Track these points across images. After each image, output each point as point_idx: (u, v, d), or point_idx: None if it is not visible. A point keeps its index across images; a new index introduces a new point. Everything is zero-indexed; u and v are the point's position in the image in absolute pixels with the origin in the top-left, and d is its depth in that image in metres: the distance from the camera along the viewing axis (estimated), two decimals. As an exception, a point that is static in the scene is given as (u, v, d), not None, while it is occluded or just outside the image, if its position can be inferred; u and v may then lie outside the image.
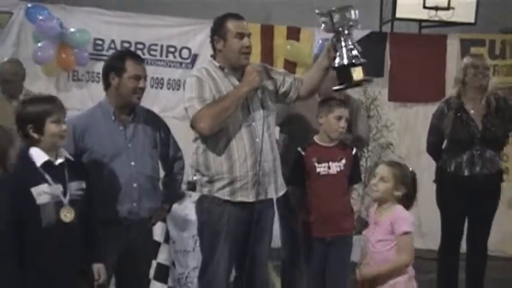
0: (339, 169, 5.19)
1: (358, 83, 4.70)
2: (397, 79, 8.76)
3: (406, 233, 4.34)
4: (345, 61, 4.57)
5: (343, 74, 4.63)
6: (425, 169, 5.71)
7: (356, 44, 4.67)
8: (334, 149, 5.23)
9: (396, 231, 4.37)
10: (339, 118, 5.16)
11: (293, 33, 8.61)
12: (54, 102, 4.17)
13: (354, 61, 4.57)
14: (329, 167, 5.17)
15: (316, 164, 5.17)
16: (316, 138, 5.28)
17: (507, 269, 7.58)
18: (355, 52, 4.57)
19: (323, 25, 4.64)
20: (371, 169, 7.77)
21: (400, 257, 4.38)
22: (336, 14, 4.54)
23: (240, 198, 4.70)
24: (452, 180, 6.07)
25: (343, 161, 5.21)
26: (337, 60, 4.61)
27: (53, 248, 4.05)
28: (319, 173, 5.17)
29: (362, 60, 4.60)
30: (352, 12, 4.55)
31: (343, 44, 4.59)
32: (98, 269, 4.33)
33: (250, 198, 4.71)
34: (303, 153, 5.23)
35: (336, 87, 4.83)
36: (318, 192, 5.18)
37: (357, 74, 4.60)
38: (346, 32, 4.58)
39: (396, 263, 4.40)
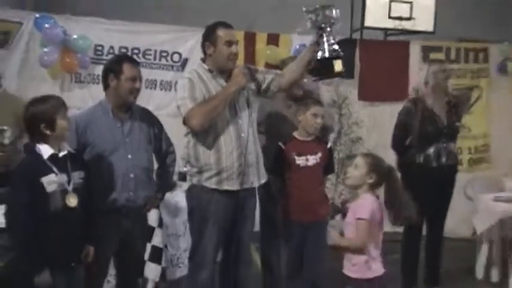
0: (315, 161, 5.22)
1: (339, 74, 4.72)
2: (366, 81, 8.75)
3: (360, 219, 4.28)
4: (327, 54, 4.59)
5: (326, 65, 4.65)
6: (391, 161, 5.64)
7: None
8: (311, 143, 5.26)
9: (354, 216, 4.32)
10: (316, 115, 5.21)
11: (273, 39, 8.59)
12: (58, 101, 4.23)
13: (334, 54, 4.59)
14: (307, 160, 5.20)
15: (296, 157, 5.18)
16: (295, 133, 5.31)
17: (459, 248, 7.60)
18: (335, 46, 4.58)
19: (309, 21, 4.66)
20: (343, 161, 7.78)
21: (352, 239, 4.34)
22: (320, 11, 4.55)
23: (226, 187, 4.69)
24: (421, 172, 6.09)
25: (319, 154, 5.25)
26: (319, 53, 4.62)
27: (60, 230, 4.09)
28: (298, 165, 5.20)
29: (341, 53, 4.63)
30: (334, 11, 4.56)
31: (325, 39, 4.61)
32: (88, 250, 4.35)
33: (235, 187, 4.70)
34: (283, 147, 5.23)
35: (317, 78, 4.88)
36: (298, 182, 5.20)
37: (338, 65, 4.64)
38: (328, 28, 4.59)
39: (348, 243, 4.37)
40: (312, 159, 5.21)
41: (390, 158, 5.30)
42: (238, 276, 4.95)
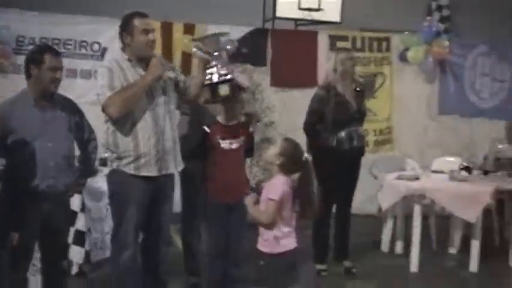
0: (239, 145, 5.21)
1: (225, 98, 4.84)
2: (277, 68, 8.78)
3: (270, 199, 4.28)
4: (215, 79, 4.66)
5: (213, 90, 4.74)
6: (301, 143, 5.70)
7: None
8: (235, 128, 5.22)
9: (267, 195, 4.32)
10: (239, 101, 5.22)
11: (189, 29, 8.51)
12: None
13: (221, 79, 4.67)
14: (231, 143, 5.17)
15: (221, 141, 5.14)
16: (219, 118, 5.24)
17: (366, 224, 7.77)
18: (223, 71, 4.61)
19: (197, 49, 4.70)
20: (257, 144, 7.80)
21: (261, 215, 4.34)
22: (208, 39, 4.60)
23: (144, 172, 4.64)
24: (334, 154, 6.14)
25: (242, 137, 5.23)
26: (207, 77, 4.71)
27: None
28: (223, 148, 5.15)
29: (229, 77, 4.71)
30: (222, 38, 4.60)
31: (213, 64, 4.69)
32: (12, 236, 4.31)
33: (153, 173, 4.66)
34: (208, 130, 5.17)
35: (205, 102, 5.02)
36: (222, 165, 5.16)
37: (224, 90, 4.74)
38: (216, 54, 4.64)
39: (257, 215, 4.36)
40: (236, 143, 5.19)
41: (300, 139, 5.32)
42: (158, 256, 4.94)
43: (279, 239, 4.34)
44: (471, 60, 9.58)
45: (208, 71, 4.73)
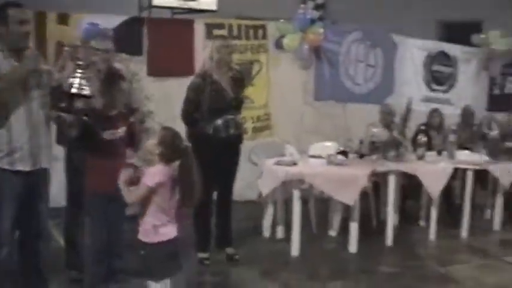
0: (120, 135, 5.16)
1: (77, 111, 4.78)
2: (154, 57, 8.68)
3: (144, 184, 4.29)
4: (74, 90, 4.60)
5: (69, 99, 4.66)
6: (181, 132, 5.71)
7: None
8: (116, 118, 5.17)
9: (143, 180, 4.32)
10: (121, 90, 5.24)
11: (63, 19, 8.31)
12: None
13: (79, 92, 4.61)
14: (113, 133, 5.10)
15: (102, 131, 5.06)
16: (100, 108, 5.16)
17: (247, 210, 7.94)
18: (85, 84, 4.60)
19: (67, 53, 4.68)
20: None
21: (129, 194, 4.38)
22: (80, 48, 4.60)
23: (18, 167, 4.55)
24: (211, 142, 6.17)
25: (124, 127, 5.19)
26: (67, 85, 4.61)
27: None
28: (105, 138, 5.07)
29: (87, 94, 4.65)
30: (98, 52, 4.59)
31: (78, 74, 4.60)
32: None
33: (27, 167, 4.59)
34: (89, 121, 5.08)
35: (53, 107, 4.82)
36: (104, 156, 5.07)
37: (78, 103, 4.70)
38: (85, 64, 4.63)
39: (125, 194, 4.41)
40: (118, 133, 5.14)
41: (178, 128, 5.35)
42: (37, 252, 4.87)
43: (158, 228, 4.34)
44: (345, 46, 9.85)
45: (71, 79, 4.63)
